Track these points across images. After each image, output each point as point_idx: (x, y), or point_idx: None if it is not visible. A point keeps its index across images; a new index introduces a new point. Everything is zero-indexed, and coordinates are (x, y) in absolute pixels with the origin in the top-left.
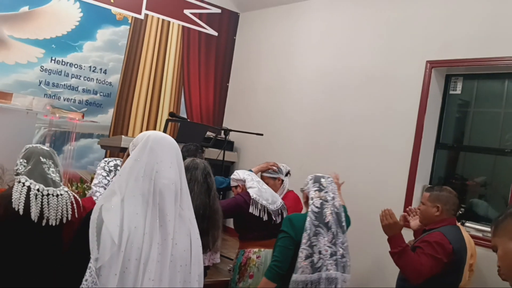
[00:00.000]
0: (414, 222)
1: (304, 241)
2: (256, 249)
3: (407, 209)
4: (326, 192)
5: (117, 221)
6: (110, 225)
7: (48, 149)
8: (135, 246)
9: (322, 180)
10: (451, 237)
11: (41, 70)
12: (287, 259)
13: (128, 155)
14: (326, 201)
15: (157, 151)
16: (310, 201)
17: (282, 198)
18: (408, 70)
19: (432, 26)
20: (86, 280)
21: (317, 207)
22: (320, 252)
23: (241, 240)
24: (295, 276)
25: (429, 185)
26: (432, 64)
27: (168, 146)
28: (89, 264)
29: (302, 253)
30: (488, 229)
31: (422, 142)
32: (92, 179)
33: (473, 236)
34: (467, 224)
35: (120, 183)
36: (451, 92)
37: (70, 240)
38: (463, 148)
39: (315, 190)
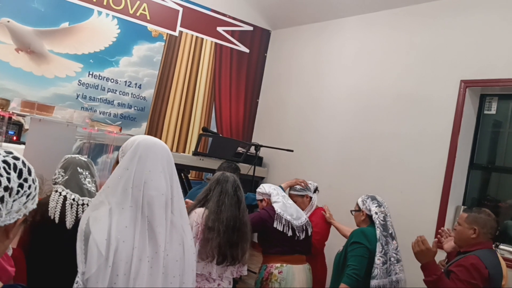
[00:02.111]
0: (448, 244)
1: (379, 249)
2: (278, 264)
3: (440, 230)
4: (384, 207)
5: (104, 234)
6: (98, 236)
7: (85, 159)
8: (123, 261)
9: (377, 197)
10: (488, 261)
11: (79, 84)
12: (364, 267)
13: (117, 162)
14: (386, 215)
15: (146, 160)
16: (375, 215)
17: (311, 215)
18: (442, 90)
19: (466, 46)
20: None
21: (382, 220)
22: (390, 259)
23: (264, 254)
24: (375, 282)
25: (463, 206)
26: (467, 84)
27: (158, 154)
28: (76, 278)
29: (380, 260)
30: None
31: (456, 162)
32: None
33: (506, 259)
34: (501, 246)
35: (108, 193)
36: (485, 112)
37: None
38: (498, 169)
39: (376, 206)
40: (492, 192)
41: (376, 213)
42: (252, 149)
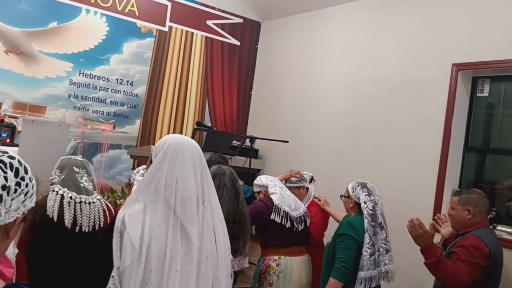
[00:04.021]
0: (445, 230)
1: (367, 240)
2: (276, 257)
3: (436, 217)
4: (374, 195)
5: (138, 230)
6: (132, 232)
7: (81, 159)
8: (155, 258)
9: (368, 185)
10: (487, 239)
11: (70, 83)
12: (352, 259)
13: (151, 161)
14: (376, 203)
15: (177, 160)
16: (364, 205)
17: (309, 205)
18: (434, 74)
19: (457, 29)
20: None
21: (371, 209)
22: (378, 250)
23: (262, 247)
24: (362, 274)
25: (457, 189)
26: (459, 67)
27: (188, 153)
28: (112, 273)
29: (367, 252)
30: None
31: (450, 145)
32: (122, 189)
33: (504, 239)
34: (498, 227)
35: (142, 192)
36: (478, 94)
37: None
38: (492, 151)
39: (366, 195)
40: (487, 174)
41: (365, 202)
42: (247, 142)
